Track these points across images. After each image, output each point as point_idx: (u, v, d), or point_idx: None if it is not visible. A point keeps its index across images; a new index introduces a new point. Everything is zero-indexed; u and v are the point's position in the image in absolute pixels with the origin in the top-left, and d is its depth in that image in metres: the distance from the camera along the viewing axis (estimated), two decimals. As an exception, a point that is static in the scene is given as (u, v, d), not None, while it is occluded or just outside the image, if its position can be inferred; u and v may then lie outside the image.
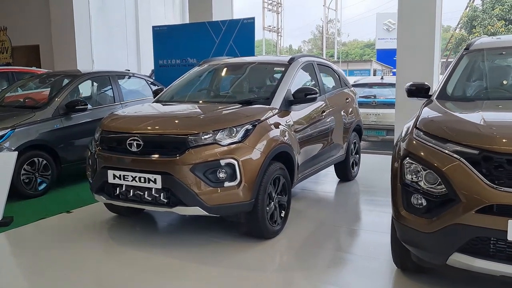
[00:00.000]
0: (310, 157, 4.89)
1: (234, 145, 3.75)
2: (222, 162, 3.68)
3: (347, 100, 6.07)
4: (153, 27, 9.35)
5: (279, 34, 38.58)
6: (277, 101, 4.43)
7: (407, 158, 2.87)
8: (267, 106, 4.31)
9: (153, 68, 10.76)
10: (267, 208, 3.97)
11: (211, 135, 3.74)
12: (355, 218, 4.93)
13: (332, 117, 5.44)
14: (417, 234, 2.78)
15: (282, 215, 4.24)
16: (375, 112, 9.23)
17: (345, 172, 6.15)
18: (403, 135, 3.11)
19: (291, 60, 4.99)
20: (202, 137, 3.72)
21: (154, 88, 7.54)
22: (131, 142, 3.85)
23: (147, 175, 3.74)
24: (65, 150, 5.92)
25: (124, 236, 4.30)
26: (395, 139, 7.66)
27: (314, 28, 62.95)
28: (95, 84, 6.92)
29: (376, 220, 4.85)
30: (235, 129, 3.81)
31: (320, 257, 3.80)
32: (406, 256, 3.17)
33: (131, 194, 3.89)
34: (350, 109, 6.10)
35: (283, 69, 4.87)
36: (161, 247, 4.01)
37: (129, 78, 7.47)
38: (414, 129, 3.01)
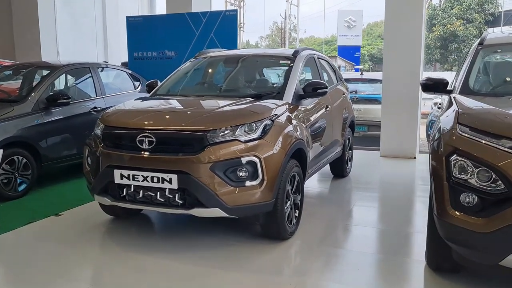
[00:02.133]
0: (318, 153, 4.74)
1: (255, 142, 3.52)
2: (243, 160, 3.44)
3: (344, 95, 5.97)
4: (127, 17, 8.87)
5: (242, 29, 38.31)
6: (289, 95, 4.24)
7: (455, 155, 2.76)
8: (281, 101, 4.10)
9: (122, 61, 10.27)
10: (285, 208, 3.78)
11: (230, 131, 3.50)
12: (363, 216, 4.81)
13: (334, 112, 5.32)
14: (468, 234, 2.66)
15: (296, 214, 4.06)
16: (356, 107, 9.18)
17: (341, 168, 6.05)
18: (446, 129, 2.97)
19: (296, 53, 4.80)
20: (222, 134, 3.47)
21: (135, 81, 7.20)
22: (142, 139, 3.53)
23: (161, 175, 3.44)
24: (46, 148, 5.47)
25: (126, 240, 3.98)
26: (381, 135, 7.70)
27: (271, 23, 62.93)
28: (75, 76, 6.45)
29: (384, 217, 4.77)
30: (254, 125, 3.59)
31: (344, 258, 3.66)
32: (444, 256, 3.07)
33: (140, 195, 3.58)
34: (346, 105, 6.01)
35: (288, 62, 4.68)
36: (171, 251, 3.71)
37: (109, 70, 7.03)
38: (457, 124, 2.89)
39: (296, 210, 4.05)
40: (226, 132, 3.48)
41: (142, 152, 3.53)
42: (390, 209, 4.93)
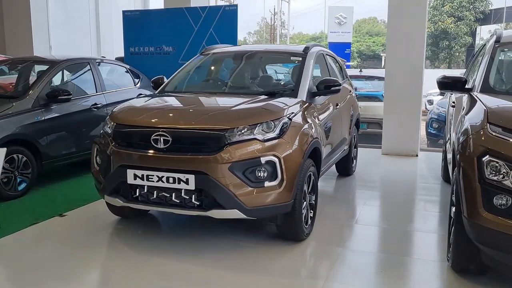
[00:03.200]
0: (329, 152, 4.66)
1: (274, 141, 3.42)
2: (263, 159, 3.34)
3: (350, 93, 5.90)
4: (124, 11, 8.68)
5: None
6: (303, 93, 4.14)
7: (487, 156, 2.69)
8: (295, 99, 4.00)
9: (116, 56, 10.08)
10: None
11: (248, 130, 3.38)
12: (375, 216, 4.74)
13: (343, 110, 5.24)
14: (501, 236, 2.60)
15: (311, 215, 3.97)
16: (356, 105, 9.15)
17: (346, 166, 5.97)
18: (475, 129, 2.89)
19: (306, 50, 4.69)
20: (240, 132, 3.36)
21: (134, 77, 7.04)
22: (157, 138, 3.40)
23: (177, 175, 3.32)
24: (47, 145, 5.29)
25: (135, 241, 3.84)
26: (383, 133, 7.64)
27: (260, 19, 62.65)
28: (75, 71, 6.26)
29: (396, 217, 4.69)
30: (272, 123, 3.48)
31: (363, 260, 3.56)
32: (471, 258, 3.01)
33: (154, 196, 3.45)
34: (353, 102, 5.94)
35: (300, 58, 4.58)
36: (183, 253, 3.58)
37: (108, 66, 6.85)
38: (488, 124, 2.83)
39: (311, 211, 3.96)
40: (244, 131, 3.37)
41: (157, 152, 3.40)
42: (401, 209, 4.87)
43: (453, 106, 4.56)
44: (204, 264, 3.41)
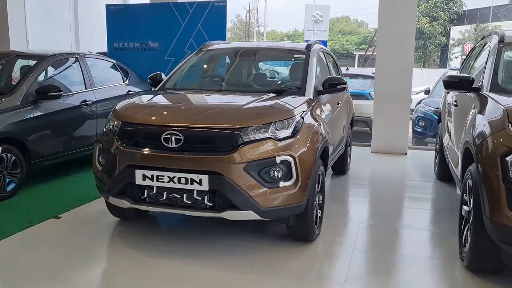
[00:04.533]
0: (332, 150, 4.61)
1: (289, 140, 3.34)
2: (278, 159, 3.25)
3: (347, 91, 5.88)
4: (107, 5, 8.42)
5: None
6: (309, 91, 4.09)
7: (511, 155, 2.69)
8: (304, 97, 3.94)
9: (97, 51, 9.80)
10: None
11: (262, 128, 3.30)
12: (377, 214, 4.72)
13: (342, 108, 5.22)
14: (529, 236, 2.61)
15: (320, 215, 3.92)
16: (343, 103, 9.16)
17: (342, 164, 5.95)
18: (495, 129, 2.89)
19: (309, 47, 4.64)
20: (255, 131, 3.26)
21: (123, 73, 6.84)
22: (168, 136, 3.27)
23: (189, 175, 3.20)
24: (36, 144, 5.06)
25: (139, 244, 3.69)
26: (373, 131, 7.67)
27: (234, 16, 62.38)
28: (63, 67, 6.01)
29: (404, 216, 4.69)
30: (286, 122, 3.40)
31: (377, 260, 3.54)
32: (490, 258, 3.02)
33: (164, 197, 3.33)
34: (349, 101, 5.93)
35: (303, 56, 4.52)
36: (192, 256, 3.46)
37: (97, 61, 6.62)
38: (509, 124, 2.83)
39: (319, 210, 3.91)
40: (259, 130, 3.28)
41: (168, 151, 3.27)
42: (402, 208, 4.89)
43: (455, 105, 4.59)
44: (214, 266, 3.30)
